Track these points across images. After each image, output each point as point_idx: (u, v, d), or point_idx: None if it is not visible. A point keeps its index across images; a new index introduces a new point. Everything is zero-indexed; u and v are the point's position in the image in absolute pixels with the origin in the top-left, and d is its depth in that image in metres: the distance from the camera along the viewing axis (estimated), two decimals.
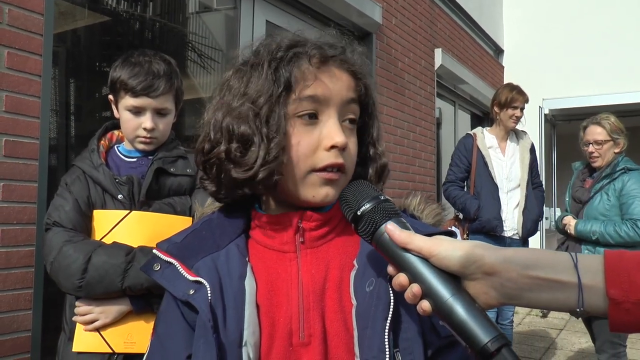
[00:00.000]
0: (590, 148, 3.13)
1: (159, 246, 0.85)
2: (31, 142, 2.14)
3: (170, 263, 0.82)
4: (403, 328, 0.75)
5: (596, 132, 3.10)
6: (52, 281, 1.51)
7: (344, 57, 0.82)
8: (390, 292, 0.73)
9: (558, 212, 7.09)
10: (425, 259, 0.68)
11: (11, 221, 2.06)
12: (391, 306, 0.73)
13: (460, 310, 0.65)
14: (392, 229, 0.70)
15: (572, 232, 3.12)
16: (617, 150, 3.10)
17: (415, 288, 0.67)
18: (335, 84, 0.80)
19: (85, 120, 3.04)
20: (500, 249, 0.67)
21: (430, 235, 0.70)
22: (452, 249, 0.67)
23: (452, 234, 0.74)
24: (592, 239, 3.04)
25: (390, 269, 0.71)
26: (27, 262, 2.11)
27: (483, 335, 0.63)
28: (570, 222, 3.15)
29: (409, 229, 0.71)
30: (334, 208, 0.85)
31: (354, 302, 0.77)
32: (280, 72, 0.79)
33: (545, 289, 0.65)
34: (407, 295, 0.68)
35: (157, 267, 0.83)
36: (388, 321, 0.72)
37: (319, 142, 0.79)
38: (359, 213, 0.73)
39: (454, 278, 0.68)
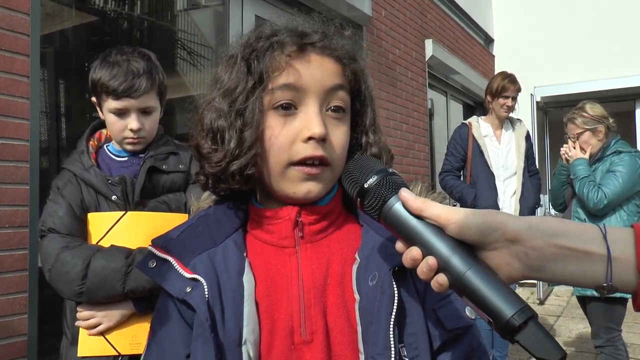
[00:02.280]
0: (570, 142, 3.25)
1: (154, 242, 0.83)
2: (21, 144, 2.11)
3: (166, 260, 0.79)
4: (408, 322, 0.72)
5: (571, 129, 3.21)
6: (47, 284, 1.48)
7: (324, 43, 0.78)
8: (394, 285, 0.71)
9: None
10: (440, 229, 0.63)
11: (3, 225, 2.03)
12: (395, 300, 0.70)
13: (480, 282, 0.60)
14: (407, 195, 0.66)
15: (569, 158, 3.17)
16: (599, 138, 3.12)
17: (431, 260, 0.62)
18: (315, 71, 0.76)
19: (76, 121, 3.00)
20: (524, 217, 0.63)
21: None
22: (472, 215, 0.62)
23: None
24: (567, 176, 3.22)
25: (399, 246, 0.67)
26: (21, 266, 2.09)
27: (507, 309, 0.58)
28: (574, 153, 3.17)
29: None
30: (333, 200, 0.82)
31: (356, 296, 0.75)
32: (254, 63, 0.76)
33: (572, 260, 0.60)
34: (422, 269, 0.63)
35: (152, 264, 0.80)
36: (392, 316, 0.69)
37: (297, 134, 0.75)
38: (365, 186, 0.69)
39: (471, 249, 0.63)
